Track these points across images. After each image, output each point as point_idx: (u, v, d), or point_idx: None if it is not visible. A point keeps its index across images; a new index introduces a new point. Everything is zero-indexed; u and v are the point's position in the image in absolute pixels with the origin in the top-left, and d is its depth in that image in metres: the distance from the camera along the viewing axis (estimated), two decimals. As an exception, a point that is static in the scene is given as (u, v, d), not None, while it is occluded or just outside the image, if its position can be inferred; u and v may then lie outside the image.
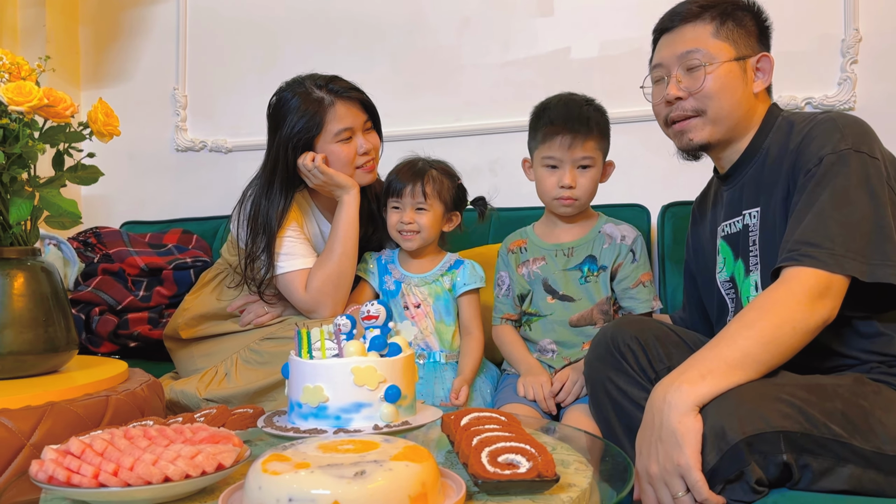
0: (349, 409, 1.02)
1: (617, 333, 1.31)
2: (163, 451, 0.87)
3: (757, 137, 1.33)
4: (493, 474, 0.85)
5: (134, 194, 2.92)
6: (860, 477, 0.96)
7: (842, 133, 1.16)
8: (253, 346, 1.65)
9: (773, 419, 0.96)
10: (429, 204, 1.72)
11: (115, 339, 2.15)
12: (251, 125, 2.78)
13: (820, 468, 0.96)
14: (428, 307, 1.74)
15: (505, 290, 1.78)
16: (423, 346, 1.72)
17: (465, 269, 1.78)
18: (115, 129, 1.35)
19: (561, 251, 1.75)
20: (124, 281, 2.30)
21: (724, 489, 0.96)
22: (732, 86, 1.31)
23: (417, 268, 1.79)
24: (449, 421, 1.06)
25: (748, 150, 1.34)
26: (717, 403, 0.99)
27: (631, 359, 1.28)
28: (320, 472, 0.75)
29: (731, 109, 1.31)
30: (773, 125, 1.32)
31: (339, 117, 1.67)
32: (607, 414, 1.33)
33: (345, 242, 1.69)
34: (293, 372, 1.07)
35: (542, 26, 2.48)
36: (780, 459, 0.95)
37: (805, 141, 1.19)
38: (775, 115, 1.33)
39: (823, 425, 0.97)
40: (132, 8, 2.95)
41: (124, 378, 1.41)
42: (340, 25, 2.68)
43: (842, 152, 1.13)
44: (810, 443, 0.96)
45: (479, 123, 2.53)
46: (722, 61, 1.30)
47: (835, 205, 1.10)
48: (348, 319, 1.13)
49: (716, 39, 1.32)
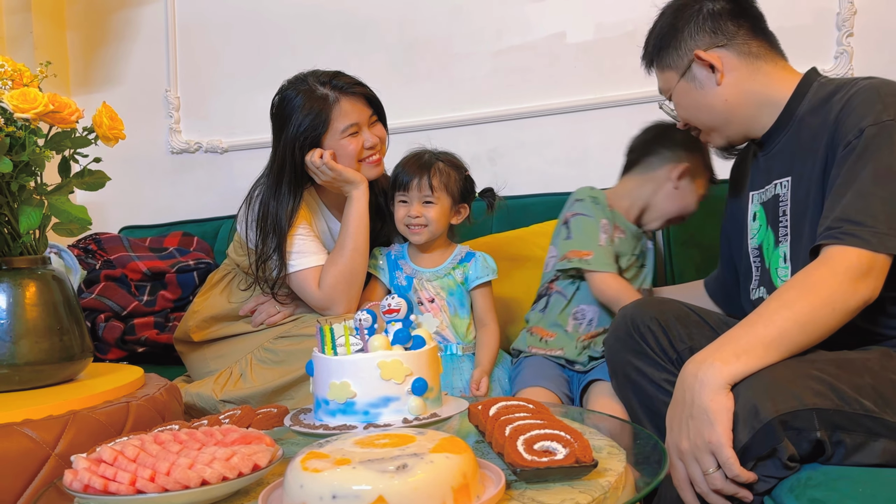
0: (377, 403, 1.02)
1: (637, 315, 1.31)
2: (197, 454, 0.87)
3: (790, 104, 1.30)
4: (531, 462, 0.85)
5: (130, 199, 2.89)
6: (893, 451, 0.97)
7: (884, 103, 1.12)
8: (267, 345, 1.64)
9: (806, 397, 0.96)
10: (436, 197, 1.71)
11: (123, 346, 2.14)
12: (245, 124, 2.76)
13: (853, 443, 0.96)
14: (442, 301, 1.73)
15: (608, 237, 1.70)
16: (440, 339, 1.71)
17: (477, 261, 1.77)
18: (121, 132, 1.34)
19: (637, 236, 1.79)
20: (127, 286, 2.29)
21: (755, 466, 0.97)
22: (695, 100, 1.36)
23: (428, 262, 1.78)
24: (476, 411, 1.05)
25: (780, 118, 1.31)
26: (748, 381, 0.99)
27: (651, 340, 1.28)
28: (362, 467, 0.75)
29: (710, 116, 1.36)
30: (806, 91, 1.28)
31: (344, 113, 1.66)
32: (628, 397, 1.34)
33: (356, 238, 1.68)
34: (318, 369, 1.06)
35: (534, 11, 2.46)
36: (813, 437, 0.95)
37: (845, 111, 1.16)
38: (811, 80, 1.30)
39: (855, 401, 0.97)
40: (119, 11, 2.92)
41: (142, 383, 1.40)
42: (331, 19, 2.66)
43: (884, 123, 1.10)
44: (843, 419, 0.96)
45: (475, 113, 2.52)
46: (672, 88, 1.39)
47: (877, 180, 1.07)
48: (369, 314, 1.12)
49: (662, 73, 1.41)
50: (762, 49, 1.33)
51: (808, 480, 0.93)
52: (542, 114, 2.45)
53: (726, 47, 1.32)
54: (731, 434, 0.97)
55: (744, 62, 1.32)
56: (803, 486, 0.92)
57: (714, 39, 1.33)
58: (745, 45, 1.32)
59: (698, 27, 1.34)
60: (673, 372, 1.27)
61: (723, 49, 1.32)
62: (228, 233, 2.48)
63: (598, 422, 1.19)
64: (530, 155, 2.48)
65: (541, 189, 2.39)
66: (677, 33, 1.36)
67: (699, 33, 1.34)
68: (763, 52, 1.33)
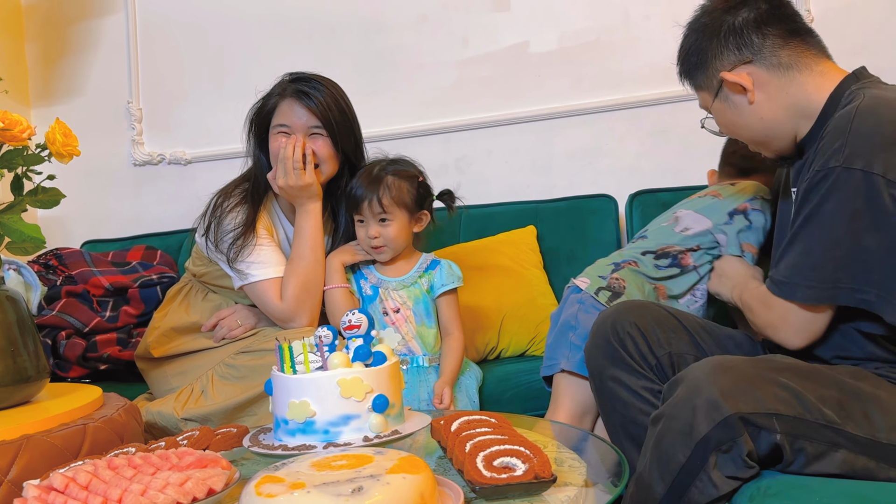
0: (337, 422, 1.01)
1: (617, 320, 1.31)
2: (150, 479, 0.85)
3: (823, 115, 1.22)
4: (489, 479, 0.84)
5: (93, 213, 2.84)
6: (853, 462, 0.98)
7: (845, 140, 1.08)
8: (228, 360, 1.62)
9: (768, 401, 0.97)
10: (390, 215, 1.68)
11: (85, 363, 2.10)
12: (209, 135, 2.73)
13: (814, 452, 0.97)
14: (408, 311, 1.71)
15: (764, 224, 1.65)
16: (406, 352, 1.69)
17: (443, 268, 1.75)
18: (75, 149, 1.31)
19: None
20: (89, 302, 2.24)
21: (716, 462, 0.97)
22: (732, 119, 1.31)
23: (394, 271, 1.76)
24: (439, 427, 1.05)
25: (813, 130, 1.25)
26: (712, 376, 1.00)
27: (631, 346, 1.29)
28: (317, 491, 0.74)
29: (750, 133, 1.32)
30: (839, 101, 1.20)
31: (281, 112, 1.69)
32: (605, 404, 1.34)
33: (315, 249, 1.66)
34: (277, 388, 1.05)
35: (499, 21, 2.48)
36: (773, 439, 0.96)
37: (822, 141, 1.14)
38: (844, 88, 1.21)
39: (817, 410, 0.98)
40: (80, 21, 2.87)
41: (100, 404, 1.37)
42: (296, 27, 2.65)
43: (830, 169, 1.08)
44: (805, 427, 0.97)
45: (441, 122, 2.52)
46: (710, 107, 1.34)
47: (812, 231, 1.11)
48: (329, 331, 1.11)
49: (698, 92, 1.35)
50: (793, 56, 1.24)
51: (767, 489, 0.94)
52: (507, 122, 2.46)
53: (754, 63, 1.25)
54: None
55: (774, 75, 1.24)
56: (762, 494, 0.93)
57: (740, 56, 1.25)
58: (774, 57, 1.24)
59: (722, 46, 1.27)
60: (652, 379, 1.28)
61: (750, 65, 1.25)
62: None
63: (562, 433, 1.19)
64: (496, 163, 2.48)
65: (507, 197, 2.40)
66: (702, 53, 1.30)
67: (724, 52, 1.27)
68: (794, 60, 1.24)
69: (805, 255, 1.11)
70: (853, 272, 1.07)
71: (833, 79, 1.23)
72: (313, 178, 1.65)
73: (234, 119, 1.88)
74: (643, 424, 1.23)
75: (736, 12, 1.26)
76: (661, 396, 1.11)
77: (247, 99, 1.79)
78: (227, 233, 1.65)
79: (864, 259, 1.06)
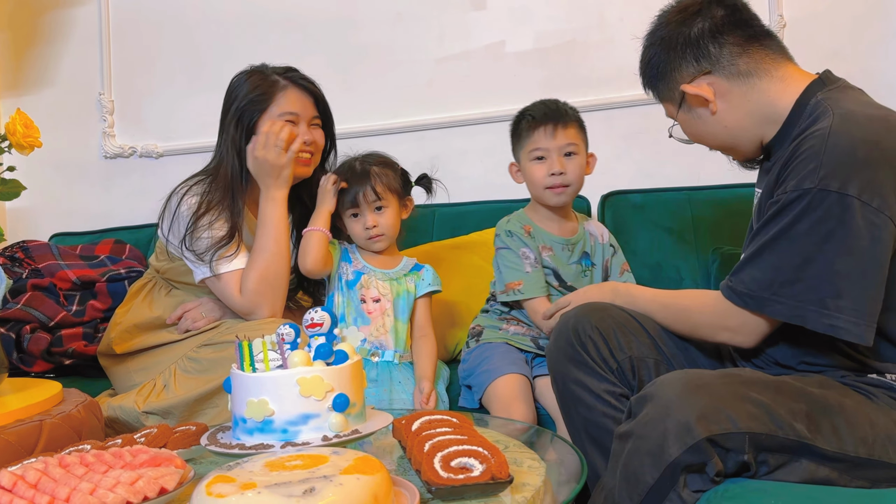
0: (296, 421, 0.99)
1: (578, 323, 1.31)
2: (101, 478, 0.84)
3: (788, 122, 1.21)
4: (446, 480, 0.84)
5: (62, 205, 2.80)
6: (814, 472, 0.99)
7: (820, 161, 1.06)
8: (191, 354, 1.60)
9: (741, 420, 0.97)
10: (385, 201, 1.71)
11: (49, 358, 2.07)
12: (182, 129, 2.70)
13: (776, 462, 0.98)
14: (388, 303, 1.71)
15: (534, 261, 1.72)
16: (377, 345, 1.68)
17: (429, 271, 1.78)
18: (36, 140, 1.29)
19: (566, 245, 1.79)
20: (56, 296, 2.21)
21: (685, 482, 0.97)
22: (697, 129, 1.32)
23: (380, 262, 1.76)
24: (400, 426, 1.05)
25: (779, 135, 1.24)
26: (683, 397, 0.99)
27: (592, 349, 1.29)
28: (267, 492, 0.73)
29: (716, 141, 1.32)
30: (804, 108, 1.19)
31: (288, 101, 1.68)
32: (568, 407, 1.34)
33: (278, 241, 1.63)
34: (235, 386, 1.04)
35: (475, 20, 2.47)
36: (741, 458, 0.96)
37: (794, 158, 1.12)
38: (810, 94, 1.19)
39: (789, 426, 0.98)
40: (51, 11, 2.83)
41: (59, 400, 1.34)
42: (270, 22, 2.62)
43: (805, 191, 1.06)
44: (774, 444, 0.97)
45: (416, 119, 2.51)
46: (675, 117, 1.34)
47: (772, 244, 1.10)
48: (291, 328, 1.10)
49: (662, 103, 1.36)
50: (752, 62, 1.22)
51: (724, 493, 0.94)
52: (482, 121, 2.46)
53: (713, 73, 1.24)
54: None
55: (735, 84, 1.23)
56: (720, 498, 0.93)
57: (698, 67, 1.24)
58: (733, 66, 1.22)
59: (680, 58, 1.26)
60: (614, 382, 1.28)
61: (710, 76, 1.24)
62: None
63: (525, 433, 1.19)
64: (471, 162, 2.48)
65: (482, 196, 2.39)
66: (661, 66, 1.30)
67: (683, 64, 1.26)
68: (754, 66, 1.22)
69: (774, 270, 1.10)
70: (823, 295, 1.05)
71: (797, 83, 1.22)
72: (290, 162, 1.64)
73: (208, 113, 1.86)
74: (605, 427, 1.23)
75: (691, 23, 1.24)
76: (628, 409, 1.09)
77: (220, 93, 1.77)
78: (205, 239, 1.62)
79: (836, 283, 1.05)
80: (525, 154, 1.74)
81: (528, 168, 1.74)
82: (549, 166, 1.70)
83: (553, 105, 1.75)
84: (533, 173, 1.72)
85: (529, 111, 1.76)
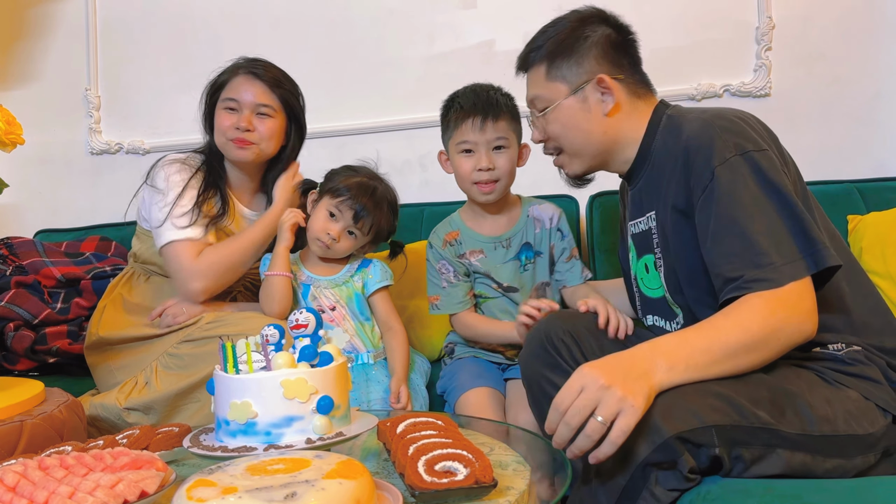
0: (280, 423, 0.99)
1: (550, 329, 1.31)
2: (81, 481, 0.82)
3: (645, 140, 1.31)
4: (430, 484, 0.84)
5: (47, 201, 2.77)
6: (790, 460, 0.99)
7: (721, 139, 1.13)
8: (171, 350, 1.60)
9: (706, 414, 0.97)
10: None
11: (33, 356, 2.05)
12: (169, 125, 2.68)
13: (751, 457, 0.98)
14: (343, 309, 1.70)
15: (452, 276, 1.73)
16: (350, 349, 1.68)
17: (376, 266, 1.75)
18: (19, 137, 1.27)
19: (499, 243, 1.74)
20: (40, 293, 2.19)
21: (657, 479, 0.97)
22: (577, 121, 1.32)
23: (324, 270, 1.74)
24: (385, 429, 1.04)
25: (640, 154, 1.32)
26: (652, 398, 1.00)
27: (565, 352, 1.29)
28: (248, 497, 0.72)
29: (585, 141, 1.33)
30: (658, 125, 1.29)
31: (232, 87, 1.74)
32: (541, 406, 1.33)
33: (255, 243, 1.71)
34: (219, 388, 1.03)
35: (465, 19, 2.46)
36: (712, 452, 0.96)
37: (691, 148, 1.16)
38: (660, 113, 1.31)
39: (752, 414, 0.99)
40: (37, 5, 2.80)
41: (41, 399, 1.33)
42: (260, 18, 2.60)
43: (728, 161, 1.11)
44: (741, 434, 0.97)
45: (406, 118, 2.50)
46: (557, 101, 1.33)
47: (749, 219, 1.08)
48: (276, 329, 1.09)
49: (549, 81, 1.34)
50: (642, 89, 1.33)
51: (706, 494, 0.94)
52: (472, 120, 2.44)
53: (622, 82, 1.31)
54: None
55: (628, 101, 1.31)
56: (701, 499, 0.93)
57: (613, 70, 1.30)
58: (633, 85, 1.32)
59: (603, 51, 1.30)
60: None
61: (618, 83, 1.30)
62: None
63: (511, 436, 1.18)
64: (460, 161, 2.47)
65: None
66: (581, 47, 1.31)
67: (604, 57, 1.30)
68: (642, 93, 1.33)
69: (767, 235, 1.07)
70: (808, 238, 1.06)
71: (651, 108, 1.33)
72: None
73: (195, 109, 1.85)
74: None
75: (628, 32, 1.34)
76: None
77: (208, 89, 1.77)
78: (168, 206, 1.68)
79: (801, 221, 1.07)
80: (453, 146, 1.69)
81: (455, 160, 1.69)
82: (477, 161, 1.65)
83: (484, 94, 1.66)
84: (460, 166, 1.68)
85: (458, 99, 1.69)
